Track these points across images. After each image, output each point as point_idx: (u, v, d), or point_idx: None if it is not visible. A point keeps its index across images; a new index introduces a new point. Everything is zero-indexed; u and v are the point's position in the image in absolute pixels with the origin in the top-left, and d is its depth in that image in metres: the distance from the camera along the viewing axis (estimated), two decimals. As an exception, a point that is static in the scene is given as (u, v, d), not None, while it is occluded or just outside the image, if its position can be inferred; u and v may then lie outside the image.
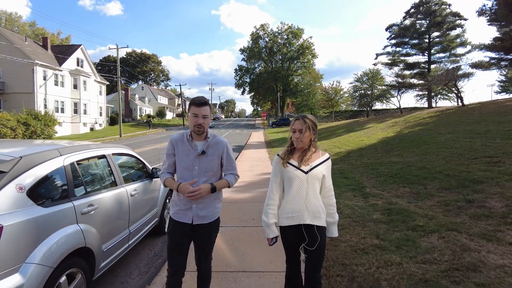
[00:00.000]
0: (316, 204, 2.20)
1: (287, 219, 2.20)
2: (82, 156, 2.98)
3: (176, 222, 2.38)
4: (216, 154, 2.42)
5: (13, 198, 2.15)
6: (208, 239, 2.43)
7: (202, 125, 2.31)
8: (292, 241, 2.22)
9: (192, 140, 2.39)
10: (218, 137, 2.48)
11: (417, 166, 8.22)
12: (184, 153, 2.38)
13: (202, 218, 2.37)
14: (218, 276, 3.25)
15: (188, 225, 2.36)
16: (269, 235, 2.23)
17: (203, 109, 2.30)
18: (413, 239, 3.84)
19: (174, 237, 2.37)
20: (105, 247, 3.02)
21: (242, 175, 9.60)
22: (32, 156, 2.45)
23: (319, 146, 2.35)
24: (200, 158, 2.36)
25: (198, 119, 2.29)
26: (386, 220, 4.65)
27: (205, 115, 2.31)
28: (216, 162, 2.42)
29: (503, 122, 12.18)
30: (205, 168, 2.37)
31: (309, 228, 2.18)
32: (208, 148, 2.40)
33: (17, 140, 4.51)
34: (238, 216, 5.40)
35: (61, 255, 2.33)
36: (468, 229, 3.98)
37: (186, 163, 2.36)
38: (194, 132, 2.35)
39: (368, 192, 6.46)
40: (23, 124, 23.53)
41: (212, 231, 2.44)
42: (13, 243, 2.04)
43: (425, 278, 2.94)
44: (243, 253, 3.85)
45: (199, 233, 2.39)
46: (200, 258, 2.45)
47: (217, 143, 2.44)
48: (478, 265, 3.07)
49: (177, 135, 2.45)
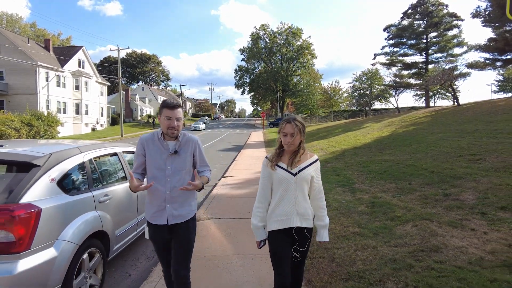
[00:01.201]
0: (305, 206, 2.21)
1: (277, 222, 2.19)
2: (98, 154, 3.46)
3: (154, 226, 2.39)
4: (189, 152, 2.43)
5: (47, 187, 2.62)
6: (186, 239, 2.40)
7: (175, 128, 2.32)
8: (281, 248, 2.19)
9: (164, 139, 2.38)
10: (188, 135, 2.48)
11: (406, 164, 8.68)
12: (156, 153, 2.36)
13: (177, 217, 2.36)
14: (216, 259, 3.73)
15: (165, 226, 2.36)
16: (258, 238, 2.25)
17: (176, 111, 2.31)
18: (390, 227, 4.32)
19: (156, 240, 2.43)
20: (118, 233, 3.49)
21: (239, 173, 10.11)
22: (59, 153, 2.92)
23: (317, 145, 2.68)
24: (172, 157, 2.36)
25: (171, 121, 2.30)
26: (369, 211, 5.13)
27: (178, 118, 2.32)
28: (189, 160, 2.43)
29: (492, 122, 12.64)
30: (178, 167, 2.37)
31: (299, 231, 2.20)
32: (180, 147, 2.40)
33: (39, 140, 4.97)
34: (236, 210, 5.87)
35: (85, 235, 2.81)
36: (440, 218, 4.45)
37: (158, 163, 2.35)
38: (168, 135, 2.35)
39: (357, 187, 6.93)
40: (27, 125, 23.99)
41: (190, 231, 2.43)
42: (48, 223, 2.51)
43: (394, 258, 3.41)
44: (238, 241, 4.32)
45: (177, 233, 2.38)
46: (178, 263, 2.35)
47: (188, 141, 2.45)
48: (440, 247, 3.54)
49: (147, 135, 2.43)
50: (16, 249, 2.28)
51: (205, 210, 5.88)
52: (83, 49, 38.39)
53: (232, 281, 3.23)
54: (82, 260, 2.82)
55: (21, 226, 2.30)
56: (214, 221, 5.19)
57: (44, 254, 2.44)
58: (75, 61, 36.58)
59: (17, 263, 2.27)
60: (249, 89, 67.69)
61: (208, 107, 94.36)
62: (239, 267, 3.52)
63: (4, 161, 2.69)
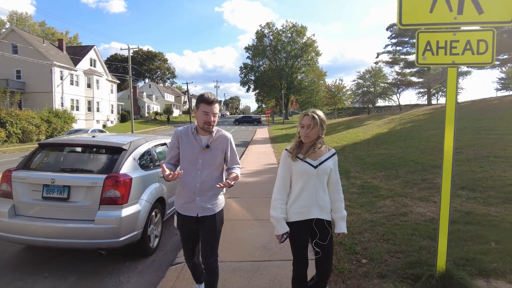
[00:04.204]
0: (325, 199, 2.23)
1: (297, 214, 2.21)
2: (156, 142, 4.74)
3: (183, 216, 2.49)
4: (220, 148, 2.48)
5: (132, 164, 3.88)
6: (213, 230, 2.48)
7: (211, 123, 2.38)
8: (301, 237, 2.22)
9: (198, 133, 2.45)
10: (222, 132, 2.54)
11: (397, 157, 9.88)
12: (189, 146, 2.44)
13: (206, 210, 2.45)
14: (241, 222, 4.99)
15: (194, 218, 2.45)
16: (279, 231, 2.21)
17: (214, 107, 2.36)
18: (373, 202, 5.55)
19: (184, 230, 2.55)
20: (169, 201, 4.75)
21: (250, 165, 11.37)
22: (135, 142, 4.19)
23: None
24: (204, 151, 2.42)
25: (208, 116, 2.35)
26: (359, 192, 6.36)
27: (215, 113, 2.38)
28: (219, 156, 2.49)
29: (480, 119, 13.74)
30: (208, 161, 2.44)
31: (320, 223, 2.22)
32: (212, 142, 2.46)
33: (114, 133, 6.31)
34: (250, 192, 7.14)
35: (154, 198, 4.06)
36: (413, 195, 5.68)
37: (190, 156, 2.43)
38: (203, 129, 2.41)
39: (352, 175, 8.15)
40: (46, 122, 25.45)
41: (217, 223, 2.50)
42: (135, 187, 3.76)
43: (372, 219, 4.64)
44: (255, 211, 5.58)
45: (204, 224, 2.46)
46: (206, 251, 2.46)
47: (221, 138, 2.51)
48: (407, 212, 4.77)
49: (182, 128, 2.52)
50: (120, 202, 3.54)
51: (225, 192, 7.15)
52: (95, 49, 39.80)
53: (254, 233, 4.49)
54: (152, 216, 4.09)
55: (123, 187, 3.56)
56: (234, 200, 6.45)
57: (134, 207, 3.70)
58: (87, 60, 38.03)
59: (121, 211, 3.53)
60: (254, 87, 68.79)
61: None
62: (258, 226, 4.78)
63: (104, 146, 3.99)
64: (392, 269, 3.18)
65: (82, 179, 3.57)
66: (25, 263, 3.85)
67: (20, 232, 3.49)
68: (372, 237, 4.01)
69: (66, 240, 3.46)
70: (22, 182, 3.63)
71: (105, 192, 3.50)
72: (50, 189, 3.54)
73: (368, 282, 3.00)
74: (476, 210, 4.63)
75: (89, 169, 3.78)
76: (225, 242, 4.18)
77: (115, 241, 3.47)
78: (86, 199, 3.52)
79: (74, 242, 3.46)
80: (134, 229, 3.67)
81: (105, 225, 3.44)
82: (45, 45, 33.99)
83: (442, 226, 2.76)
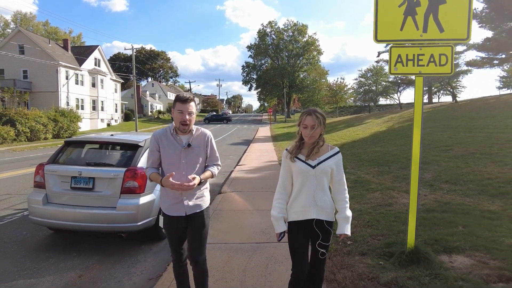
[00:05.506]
0: (325, 199, 2.19)
1: (295, 213, 2.21)
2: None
3: (170, 217, 2.46)
4: (202, 146, 2.48)
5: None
6: (202, 225, 2.48)
7: (187, 122, 2.34)
8: (298, 237, 2.21)
9: (177, 134, 2.42)
10: (201, 129, 2.53)
11: (391, 154, 10.38)
12: (169, 148, 2.40)
13: (194, 207, 2.45)
14: (242, 212, 5.52)
15: (183, 217, 2.44)
16: (278, 230, 2.22)
17: (188, 105, 2.33)
18: (363, 194, 6.07)
19: (171, 230, 2.50)
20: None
21: (251, 162, 11.93)
22: (147, 139, 4.73)
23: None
24: (186, 151, 2.40)
25: (184, 115, 2.32)
26: (352, 186, 6.87)
27: (190, 112, 2.35)
28: (203, 154, 2.48)
29: (475, 118, 14.21)
30: (192, 160, 2.43)
31: (319, 224, 2.19)
32: (193, 141, 2.44)
33: (127, 132, 6.88)
34: (251, 186, 7.67)
35: (166, 189, 4.61)
36: (400, 189, 6.19)
37: (172, 158, 2.39)
38: (179, 130, 2.38)
39: (347, 171, 8.64)
40: (53, 121, 26.07)
41: (206, 218, 2.51)
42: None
43: (360, 209, 5.17)
44: (256, 203, 6.11)
45: (194, 221, 2.46)
46: (195, 249, 2.45)
47: (201, 135, 2.50)
48: (393, 203, 5.29)
49: (160, 130, 2.47)
50: (138, 191, 4.09)
51: (228, 186, 7.69)
52: (99, 48, 40.43)
53: (254, 221, 5.03)
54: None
55: (140, 179, 4.11)
56: (236, 193, 6.99)
57: (149, 197, 4.25)
58: (91, 60, 38.65)
59: (139, 199, 4.08)
60: (256, 85, 69.22)
61: (215, 102, 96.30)
62: (258, 215, 5.32)
63: (123, 143, 4.54)
64: (372, 248, 3.71)
65: (105, 172, 4.13)
66: (55, 245, 4.43)
67: (52, 217, 4.07)
68: (358, 223, 4.54)
69: (92, 224, 4.03)
70: (53, 174, 4.19)
71: (125, 183, 4.06)
72: (77, 180, 4.10)
73: (351, 258, 3.53)
74: (454, 200, 5.15)
75: (111, 163, 4.34)
76: (229, 228, 4.75)
77: (134, 225, 4.03)
78: (109, 189, 4.08)
79: (99, 225, 4.03)
80: (150, 215, 4.22)
81: (125, 211, 4.00)
82: (51, 46, 34.66)
83: (412, 210, 3.29)
